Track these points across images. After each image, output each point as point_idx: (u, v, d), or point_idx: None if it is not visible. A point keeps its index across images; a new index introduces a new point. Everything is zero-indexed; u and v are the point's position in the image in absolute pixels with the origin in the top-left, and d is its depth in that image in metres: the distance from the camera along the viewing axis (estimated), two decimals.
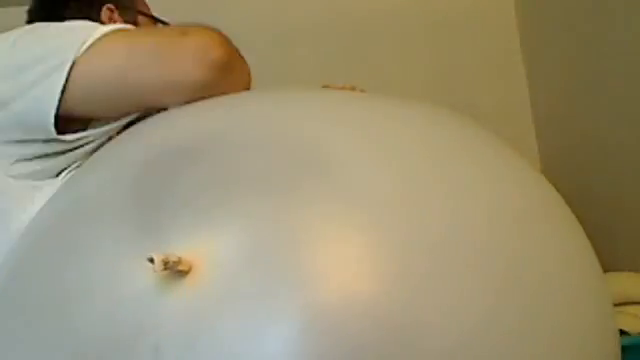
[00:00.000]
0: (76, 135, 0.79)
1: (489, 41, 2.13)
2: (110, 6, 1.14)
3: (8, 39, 0.82)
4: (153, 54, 0.78)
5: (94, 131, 0.80)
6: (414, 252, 0.59)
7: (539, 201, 0.72)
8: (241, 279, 0.56)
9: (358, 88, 1.02)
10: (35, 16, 1.16)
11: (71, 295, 0.62)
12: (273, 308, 0.55)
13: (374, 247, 0.59)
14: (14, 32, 0.83)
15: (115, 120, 0.81)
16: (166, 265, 0.55)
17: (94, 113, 0.81)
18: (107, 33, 0.78)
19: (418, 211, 0.61)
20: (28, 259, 0.70)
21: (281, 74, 1.78)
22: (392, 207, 0.61)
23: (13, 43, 0.81)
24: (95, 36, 0.78)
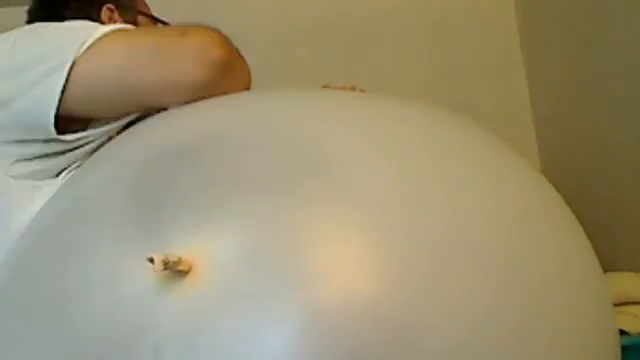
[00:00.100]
0: (76, 135, 0.79)
1: (489, 41, 2.13)
2: (110, 6, 1.14)
3: (8, 39, 0.82)
4: (153, 54, 0.78)
5: (94, 131, 0.80)
6: (414, 252, 0.59)
7: (539, 201, 0.72)
8: (241, 279, 0.56)
9: (358, 88, 1.02)
10: (35, 16, 1.16)
11: (71, 295, 0.62)
12: (273, 308, 0.55)
13: (374, 247, 0.59)
14: (14, 32, 0.83)
15: (115, 120, 0.81)
16: (166, 265, 0.55)
17: (94, 113, 0.81)
18: (107, 33, 0.78)
19: (418, 211, 0.61)
20: (28, 259, 0.70)
21: (281, 74, 1.78)
22: (392, 207, 0.61)
23: (13, 43, 0.81)
24: (95, 36, 0.78)
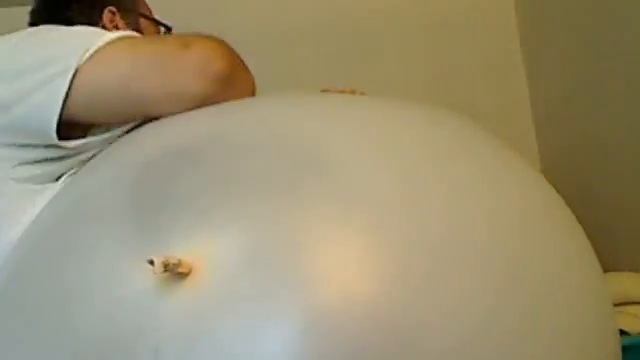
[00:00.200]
0: (77, 142, 0.79)
1: (489, 41, 2.13)
2: (112, 9, 1.13)
3: (10, 41, 0.81)
4: (156, 64, 0.78)
5: (95, 138, 0.80)
6: (414, 253, 0.59)
7: (539, 201, 0.72)
8: (241, 281, 0.56)
9: (358, 91, 1.02)
10: (37, 17, 1.15)
11: (71, 296, 0.62)
12: (273, 310, 0.55)
13: (374, 248, 0.59)
14: (16, 34, 0.83)
15: (116, 127, 0.81)
16: (166, 267, 0.55)
17: (95, 119, 0.81)
18: (111, 41, 0.78)
19: (418, 212, 0.61)
20: (28, 260, 0.70)
21: (281, 74, 1.78)
22: (392, 208, 0.61)
23: (15, 45, 0.81)
24: (99, 43, 0.77)
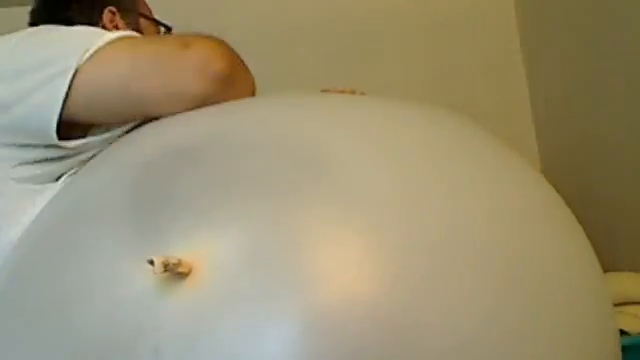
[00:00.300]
0: (77, 142, 0.79)
1: (489, 41, 2.13)
2: (112, 9, 1.13)
3: (10, 41, 0.81)
4: (156, 64, 0.78)
5: (95, 138, 0.80)
6: (414, 253, 0.59)
7: (539, 201, 0.72)
8: (241, 281, 0.56)
9: (358, 91, 1.02)
10: (37, 17, 1.15)
11: (71, 296, 0.62)
12: (273, 310, 0.55)
13: (374, 249, 0.59)
14: (16, 34, 0.83)
15: (116, 127, 0.81)
16: (166, 267, 0.55)
17: (95, 119, 0.81)
18: (111, 41, 0.78)
19: (418, 212, 0.61)
20: (28, 260, 0.70)
21: (281, 74, 1.78)
22: (392, 208, 0.61)
23: (15, 45, 0.81)
24: (99, 43, 0.77)
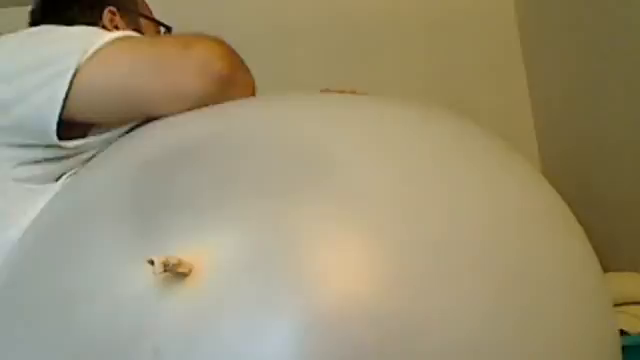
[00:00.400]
0: (77, 142, 0.79)
1: (489, 41, 2.13)
2: (112, 9, 1.12)
3: (10, 41, 0.81)
4: (155, 64, 0.78)
5: (95, 138, 0.80)
6: (414, 253, 0.59)
7: (539, 201, 0.72)
8: (241, 281, 0.56)
9: (359, 91, 1.02)
10: (37, 17, 1.15)
11: (71, 296, 0.62)
12: (273, 310, 0.55)
13: (374, 248, 0.59)
14: (16, 34, 0.83)
15: (116, 127, 0.81)
16: (166, 267, 0.55)
17: (95, 119, 0.81)
18: (111, 41, 0.78)
19: (418, 212, 0.61)
20: (29, 260, 0.70)
21: (280, 74, 1.78)
22: (392, 208, 0.61)
23: (15, 46, 0.81)
24: (99, 43, 0.77)
